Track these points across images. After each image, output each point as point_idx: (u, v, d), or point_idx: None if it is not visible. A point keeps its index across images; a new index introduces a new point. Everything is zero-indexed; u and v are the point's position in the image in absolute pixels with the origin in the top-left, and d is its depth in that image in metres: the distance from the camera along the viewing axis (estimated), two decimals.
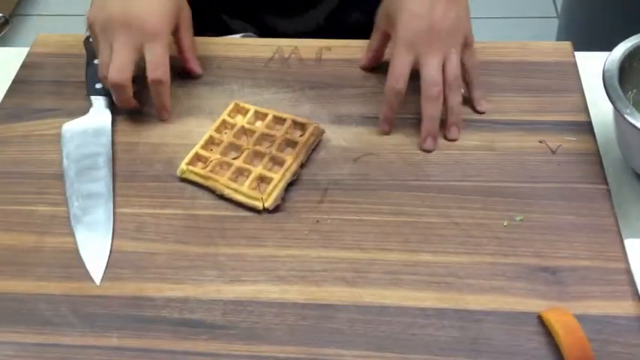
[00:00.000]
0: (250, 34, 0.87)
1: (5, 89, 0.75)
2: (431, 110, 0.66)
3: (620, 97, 0.62)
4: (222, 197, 0.64)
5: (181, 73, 0.75)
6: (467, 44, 0.69)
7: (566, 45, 0.79)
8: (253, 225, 0.62)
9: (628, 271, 0.57)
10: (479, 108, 0.71)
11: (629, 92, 0.67)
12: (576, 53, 0.77)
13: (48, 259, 0.60)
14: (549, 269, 0.58)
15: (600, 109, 0.70)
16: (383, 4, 0.72)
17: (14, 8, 2.15)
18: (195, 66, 0.75)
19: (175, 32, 0.71)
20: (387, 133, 0.69)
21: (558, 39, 1.17)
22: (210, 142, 0.67)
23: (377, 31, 0.73)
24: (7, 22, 0.81)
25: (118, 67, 0.66)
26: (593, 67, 0.69)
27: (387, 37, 0.72)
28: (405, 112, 0.69)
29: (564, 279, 0.57)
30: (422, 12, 0.66)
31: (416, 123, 0.69)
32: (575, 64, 0.76)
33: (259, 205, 0.62)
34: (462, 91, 0.69)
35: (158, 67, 0.67)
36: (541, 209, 0.62)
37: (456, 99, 0.67)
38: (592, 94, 0.72)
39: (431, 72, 0.66)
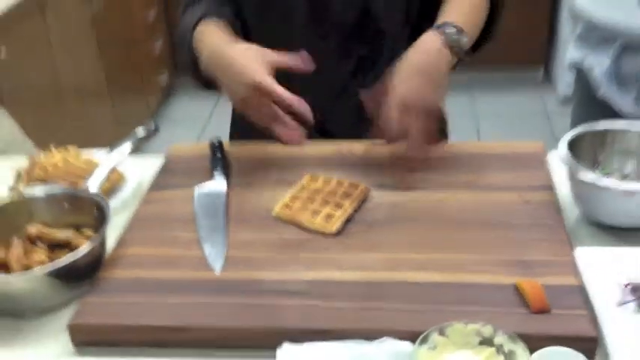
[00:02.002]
0: None
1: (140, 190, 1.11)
2: None
3: (575, 164, 0.94)
4: (302, 228, 0.96)
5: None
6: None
7: (539, 143, 1.12)
8: (324, 243, 0.93)
9: (573, 262, 0.86)
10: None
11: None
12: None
13: (189, 262, 0.92)
14: (523, 262, 0.87)
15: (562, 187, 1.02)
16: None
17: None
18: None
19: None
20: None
21: None
22: (294, 198, 1.01)
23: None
24: (156, 129, 1.18)
25: None
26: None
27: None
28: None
29: (532, 267, 0.86)
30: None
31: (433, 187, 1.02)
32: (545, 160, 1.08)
33: (329, 230, 0.94)
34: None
35: None
36: (516, 231, 0.92)
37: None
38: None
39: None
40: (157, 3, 3.21)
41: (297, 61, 1.02)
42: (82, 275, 0.91)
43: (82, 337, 0.84)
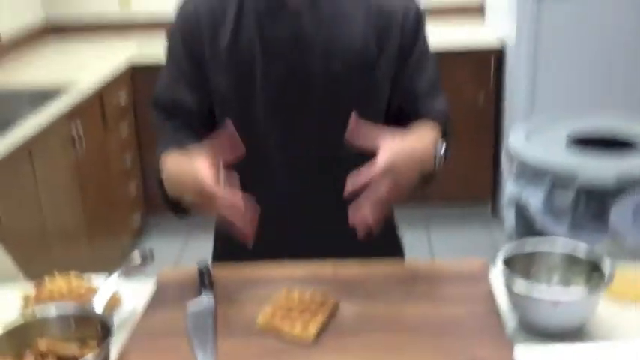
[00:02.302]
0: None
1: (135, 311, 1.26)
2: None
3: (510, 277, 1.12)
4: (283, 336, 1.11)
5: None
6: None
7: (483, 260, 1.31)
8: (303, 350, 1.09)
9: (511, 357, 1.03)
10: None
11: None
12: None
13: None
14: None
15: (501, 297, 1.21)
16: None
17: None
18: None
19: None
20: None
21: None
22: (275, 309, 1.17)
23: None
24: (152, 256, 1.34)
25: None
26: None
27: None
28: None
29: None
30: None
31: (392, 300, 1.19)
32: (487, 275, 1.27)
33: (307, 336, 1.10)
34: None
35: None
36: (464, 334, 1.09)
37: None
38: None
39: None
40: (133, 148, 3.44)
41: (226, 150, 1.18)
42: None
43: None
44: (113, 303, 1.25)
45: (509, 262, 1.17)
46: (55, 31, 4.00)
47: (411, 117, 1.38)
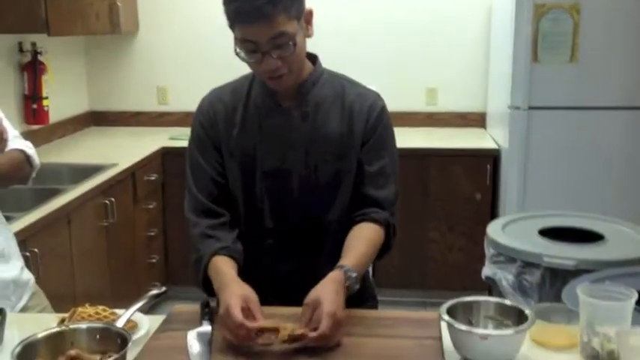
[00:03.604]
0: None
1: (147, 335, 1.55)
2: None
3: (451, 320, 1.39)
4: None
5: None
6: None
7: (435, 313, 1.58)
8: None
9: None
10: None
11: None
12: None
13: None
14: None
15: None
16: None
17: None
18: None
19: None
20: None
21: None
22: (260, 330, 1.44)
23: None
24: (165, 292, 1.64)
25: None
26: None
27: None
28: None
29: None
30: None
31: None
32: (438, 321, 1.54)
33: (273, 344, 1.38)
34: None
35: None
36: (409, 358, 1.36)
37: None
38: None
39: None
40: (158, 222, 3.78)
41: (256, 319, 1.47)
42: None
43: None
44: (131, 326, 1.54)
45: (453, 311, 1.45)
46: (97, 119, 4.46)
47: (359, 198, 1.70)
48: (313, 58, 1.73)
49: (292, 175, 1.70)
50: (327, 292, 1.48)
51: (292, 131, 1.68)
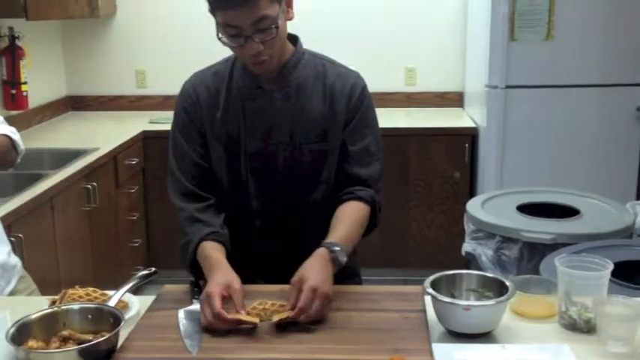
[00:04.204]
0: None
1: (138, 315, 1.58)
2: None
3: (435, 292, 1.44)
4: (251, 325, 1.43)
5: None
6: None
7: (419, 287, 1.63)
8: (269, 339, 1.40)
9: (430, 350, 1.34)
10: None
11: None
12: None
13: (176, 349, 1.36)
14: (397, 349, 1.34)
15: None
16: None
17: None
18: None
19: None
20: None
21: None
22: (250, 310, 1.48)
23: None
24: (155, 272, 1.66)
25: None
26: None
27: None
28: None
29: (402, 351, 1.33)
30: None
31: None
32: (422, 295, 1.58)
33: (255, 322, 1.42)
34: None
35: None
36: (396, 333, 1.40)
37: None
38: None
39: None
40: (140, 206, 3.79)
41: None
42: (100, 356, 1.34)
43: None
44: (122, 307, 1.56)
45: (437, 284, 1.49)
46: (76, 104, 4.44)
47: (344, 177, 1.74)
48: (294, 40, 1.75)
49: (277, 156, 1.72)
50: (312, 269, 1.52)
51: (275, 113, 1.71)
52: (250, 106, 1.72)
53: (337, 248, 1.58)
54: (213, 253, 1.64)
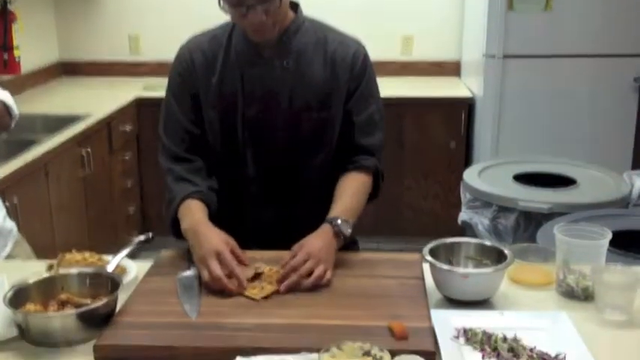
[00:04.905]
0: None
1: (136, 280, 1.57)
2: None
3: (433, 260, 1.44)
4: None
5: None
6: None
7: (418, 255, 1.63)
8: (265, 303, 1.40)
9: (428, 316, 1.34)
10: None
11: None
12: None
13: (174, 314, 1.36)
14: (396, 315, 1.34)
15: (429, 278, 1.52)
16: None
17: None
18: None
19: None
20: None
21: None
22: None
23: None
24: (152, 238, 1.66)
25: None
26: None
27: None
28: None
29: (401, 317, 1.33)
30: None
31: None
32: (420, 263, 1.58)
33: (258, 296, 1.41)
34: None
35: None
36: (394, 299, 1.41)
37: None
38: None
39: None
40: (134, 172, 3.78)
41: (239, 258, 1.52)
42: (99, 320, 1.34)
43: (102, 353, 1.26)
44: (120, 271, 1.56)
45: (435, 252, 1.49)
46: (68, 69, 4.38)
47: (347, 147, 1.72)
48: (294, 7, 1.72)
49: (275, 123, 1.70)
50: (312, 239, 1.54)
51: (275, 81, 1.68)
52: (249, 72, 1.69)
53: (339, 221, 1.58)
54: (197, 210, 1.63)
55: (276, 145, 1.72)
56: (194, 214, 1.62)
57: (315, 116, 1.70)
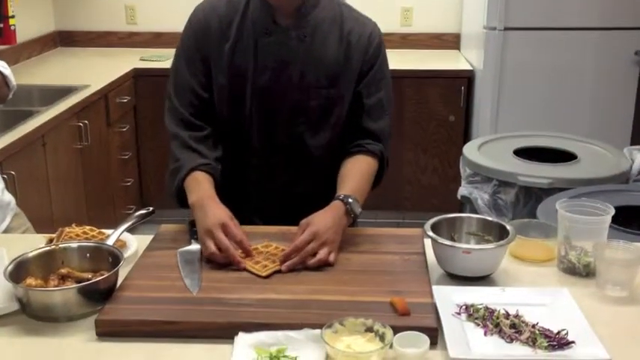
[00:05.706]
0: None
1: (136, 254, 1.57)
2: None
3: (435, 235, 1.43)
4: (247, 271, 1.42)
5: None
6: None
7: (419, 230, 1.62)
8: (268, 280, 1.39)
9: (430, 292, 1.34)
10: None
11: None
12: None
13: (175, 288, 1.36)
14: (398, 291, 1.34)
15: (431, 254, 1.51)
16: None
17: None
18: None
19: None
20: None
21: None
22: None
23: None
24: (153, 212, 1.65)
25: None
26: None
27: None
28: None
29: (403, 293, 1.33)
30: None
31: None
32: (421, 238, 1.58)
33: (263, 274, 1.41)
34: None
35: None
36: (397, 275, 1.40)
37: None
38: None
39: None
40: (132, 145, 3.75)
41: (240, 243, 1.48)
42: (100, 295, 1.33)
43: (104, 328, 1.26)
44: (120, 245, 1.55)
45: (437, 227, 1.49)
46: (64, 39, 4.33)
47: (354, 130, 1.70)
48: None
49: (285, 97, 1.68)
50: (321, 216, 1.52)
51: (289, 52, 1.65)
52: (263, 41, 1.65)
53: (351, 200, 1.57)
54: (207, 184, 1.61)
55: (282, 118, 1.70)
56: (201, 187, 1.60)
57: (324, 93, 1.68)
